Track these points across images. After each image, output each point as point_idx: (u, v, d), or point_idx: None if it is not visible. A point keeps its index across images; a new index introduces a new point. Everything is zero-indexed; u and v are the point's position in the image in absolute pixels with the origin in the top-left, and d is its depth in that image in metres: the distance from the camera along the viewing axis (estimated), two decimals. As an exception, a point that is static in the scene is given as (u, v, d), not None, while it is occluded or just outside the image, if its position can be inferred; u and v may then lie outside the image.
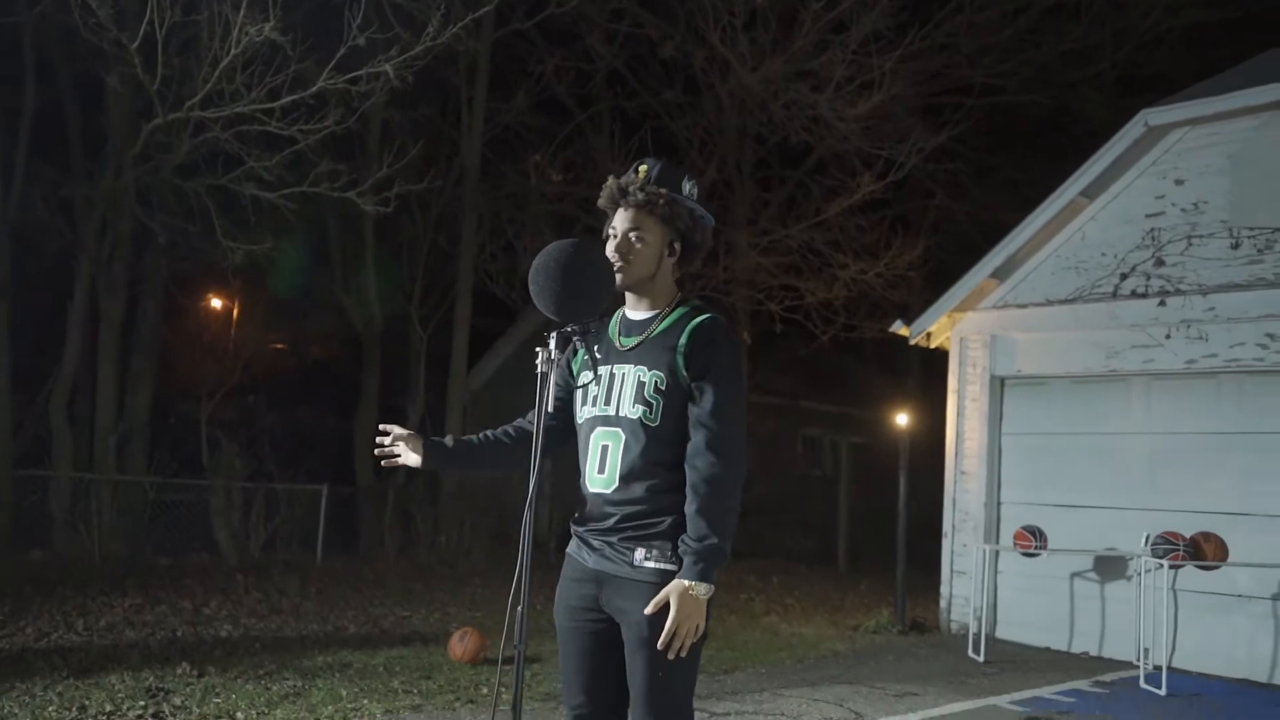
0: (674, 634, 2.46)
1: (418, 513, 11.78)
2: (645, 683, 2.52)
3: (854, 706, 5.67)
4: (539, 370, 2.54)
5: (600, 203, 2.79)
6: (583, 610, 2.68)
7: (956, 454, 8.89)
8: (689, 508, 2.51)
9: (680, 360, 2.59)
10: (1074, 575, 8.10)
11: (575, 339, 2.63)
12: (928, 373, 20.28)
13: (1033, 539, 7.88)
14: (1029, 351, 8.53)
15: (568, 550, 2.80)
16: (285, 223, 8.97)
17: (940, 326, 9.09)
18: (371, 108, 8.05)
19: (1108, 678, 7.01)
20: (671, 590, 2.46)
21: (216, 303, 13.77)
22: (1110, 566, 7.90)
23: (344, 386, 13.23)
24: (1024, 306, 8.56)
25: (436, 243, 12.51)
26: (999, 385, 8.76)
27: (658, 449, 2.58)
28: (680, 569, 2.51)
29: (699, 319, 2.65)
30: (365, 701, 5.31)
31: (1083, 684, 6.74)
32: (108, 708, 4.84)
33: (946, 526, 8.89)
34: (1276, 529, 7.04)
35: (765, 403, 15.83)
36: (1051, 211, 8.30)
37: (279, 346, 12.64)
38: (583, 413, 2.73)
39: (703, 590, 2.46)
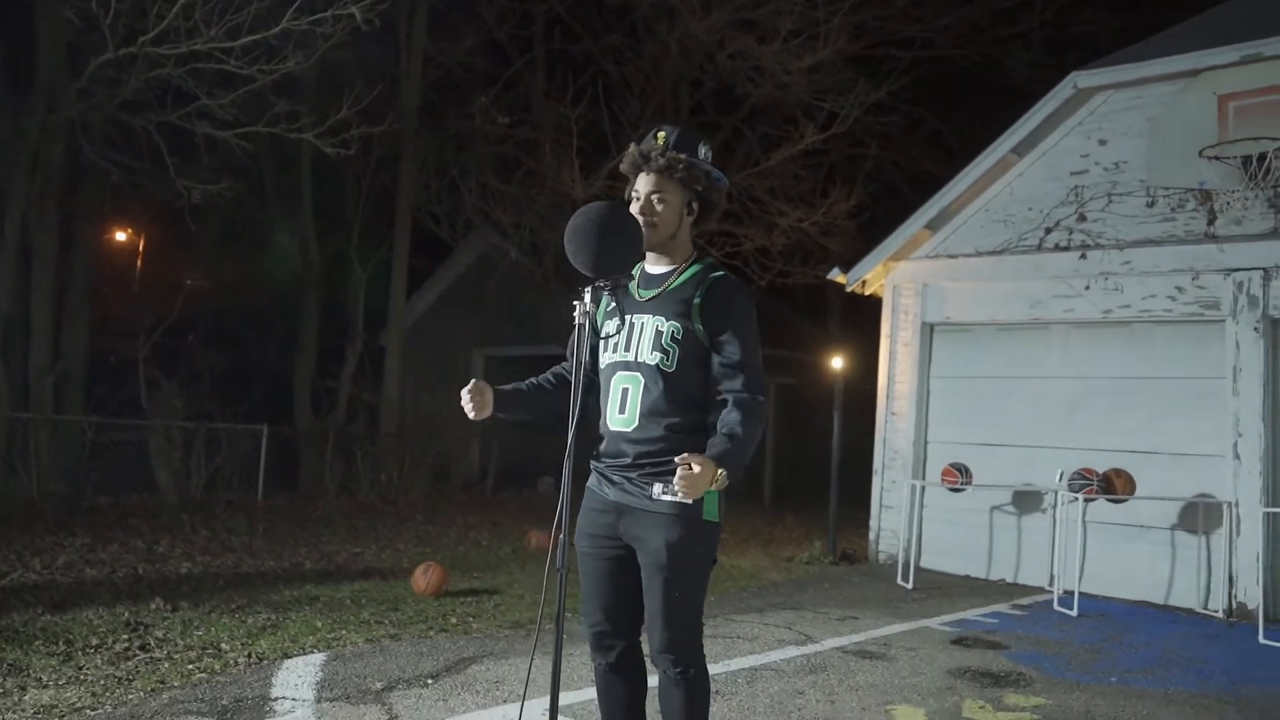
0: (684, 484, 2.59)
1: (358, 451, 11.87)
2: (662, 602, 2.82)
3: (802, 629, 6.11)
4: (576, 321, 2.77)
5: (623, 167, 3.01)
6: (603, 539, 2.94)
7: (888, 396, 9.37)
8: (731, 415, 2.74)
9: (696, 314, 2.85)
10: (994, 509, 8.70)
11: (605, 293, 2.87)
12: (847, 317, 21.00)
13: (959, 475, 8.44)
14: (958, 300, 9.01)
15: (588, 484, 3.05)
16: (230, 162, 8.83)
17: (875, 274, 9.51)
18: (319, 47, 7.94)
19: (1024, 601, 7.63)
20: (700, 460, 2.61)
21: (153, 241, 13.44)
22: (1028, 501, 8.51)
23: (283, 326, 13.12)
24: (955, 257, 9.02)
25: (377, 183, 12.41)
26: (929, 331, 9.24)
27: (673, 393, 2.85)
28: (693, 503, 2.78)
29: (713, 276, 2.91)
30: (343, 632, 5.53)
31: (1003, 607, 7.33)
32: (94, 641, 4.96)
33: (877, 464, 9.40)
34: (1178, 465, 7.70)
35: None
36: (983, 167, 8.72)
37: (217, 286, 12.44)
38: (605, 358, 2.97)
39: (719, 475, 2.64)
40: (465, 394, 2.92)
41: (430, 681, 4.52)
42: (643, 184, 2.94)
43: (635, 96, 13.02)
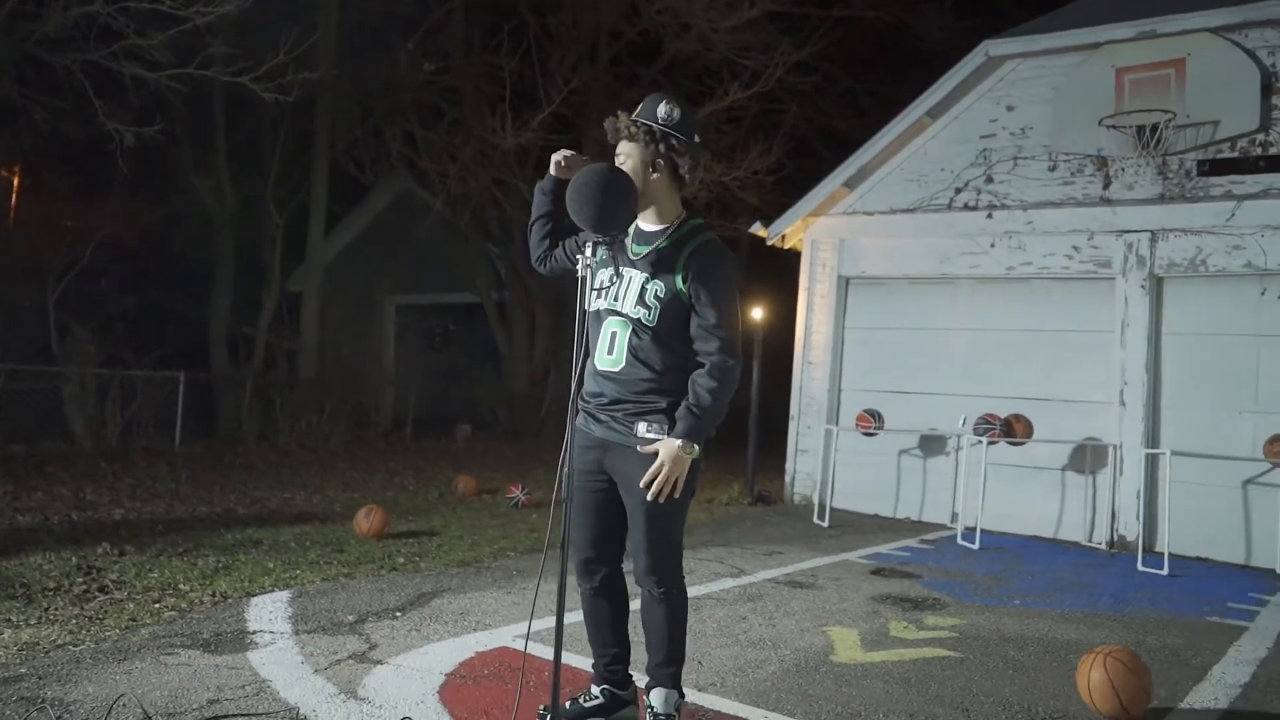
0: (660, 479, 2.98)
1: (277, 398, 11.80)
2: (647, 531, 3.11)
3: (734, 564, 6.52)
4: (579, 274, 3.01)
5: (609, 137, 3.25)
6: (589, 474, 3.21)
7: (805, 346, 9.83)
8: (700, 383, 3.04)
9: (680, 275, 3.10)
10: (901, 453, 9.28)
11: (603, 247, 3.11)
12: (754, 269, 21.46)
13: (873, 420, 8.98)
14: (872, 254, 9.48)
15: (576, 424, 3.30)
16: (145, 103, 8.59)
17: (795, 229, 9.90)
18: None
19: (930, 536, 8.23)
20: (664, 445, 3.00)
21: (62, 183, 12.86)
22: (933, 444, 9.11)
23: (198, 270, 12.81)
24: (870, 214, 9.47)
25: (296, 126, 12.16)
26: (845, 284, 9.71)
27: (656, 343, 3.11)
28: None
29: (699, 240, 3.17)
30: (297, 571, 5.68)
31: (912, 541, 7.91)
32: (50, 585, 5.01)
33: (793, 410, 9.88)
34: (1070, 411, 8.36)
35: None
36: (899, 129, 9.15)
37: (130, 230, 12.05)
38: (597, 304, 3.22)
39: (688, 449, 2.99)
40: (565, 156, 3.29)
41: (399, 614, 4.75)
42: (626, 151, 3.18)
43: (556, 46, 13.04)
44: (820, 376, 9.69)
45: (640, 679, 3.38)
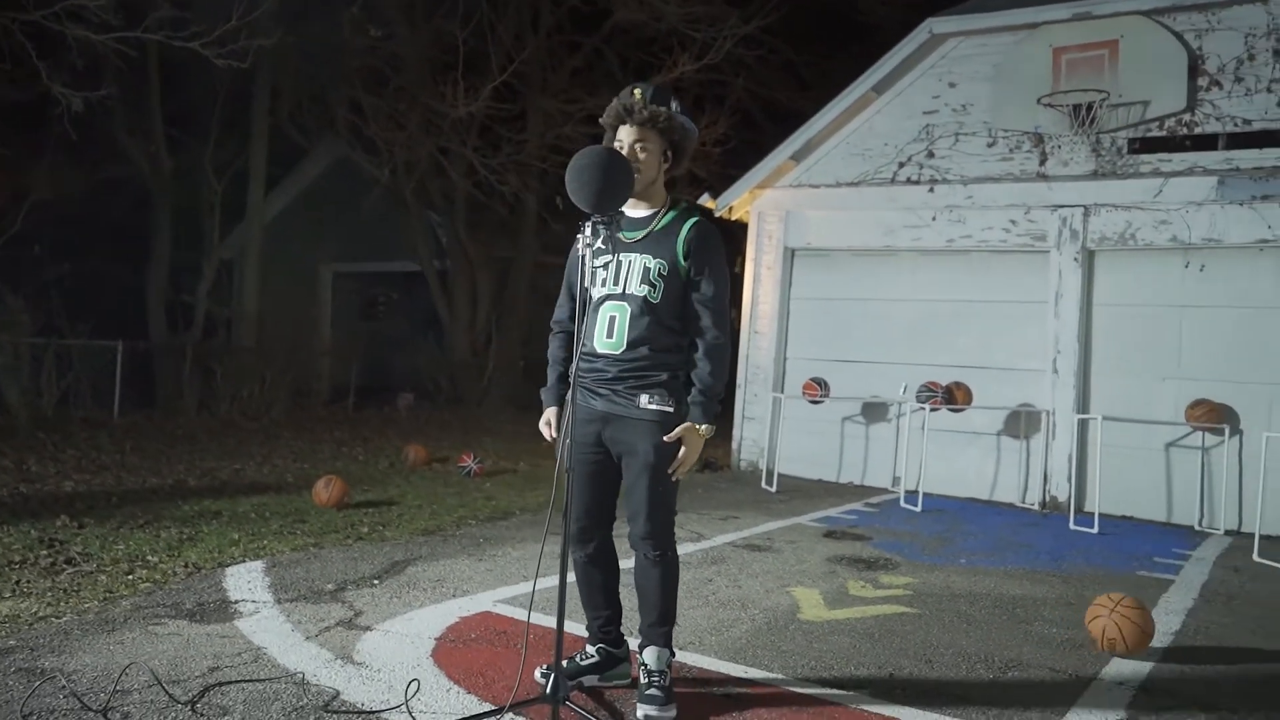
0: (683, 461, 3.21)
1: (218, 367, 11.62)
2: (647, 498, 3.26)
3: (692, 529, 6.71)
4: (580, 253, 3.12)
5: (604, 120, 3.35)
6: (588, 446, 3.34)
7: (751, 315, 10.04)
8: (700, 368, 3.22)
9: (680, 252, 3.25)
10: (845, 420, 9.58)
11: (601, 227, 3.22)
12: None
13: (819, 389, 9.24)
14: (818, 227, 9.70)
15: (575, 400, 3.43)
16: (81, 64, 8.32)
17: (742, 201, 10.07)
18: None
19: (875, 500, 8.55)
20: (686, 430, 3.19)
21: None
22: (875, 411, 9.42)
23: (135, 237, 12.46)
24: (816, 187, 9.68)
25: (235, 90, 11.87)
26: (790, 255, 9.92)
27: (657, 320, 3.25)
28: (673, 410, 3.25)
29: (693, 219, 3.31)
30: (264, 542, 5.71)
31: (858, 505, 8.21)
32: (15, 558, 4.97)
33: (740, 379, 10.09)
34: (1005, 379, 8.72)
35: (547, 262, 16.49)
36: (845, 103, 9.35)
37: (62, 194, 11.65)
38: (594, 291, 3.33)
39: (707, 430, 3.21)
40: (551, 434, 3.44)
41: (376, 582, 4.83)
42: (626, 134, 3.29)
43: (500, 14, 12.93)
44: (767, 346, 9.92)
45: (632, 640, 3.54)
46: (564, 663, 3.47)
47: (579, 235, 3.13)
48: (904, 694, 3.61)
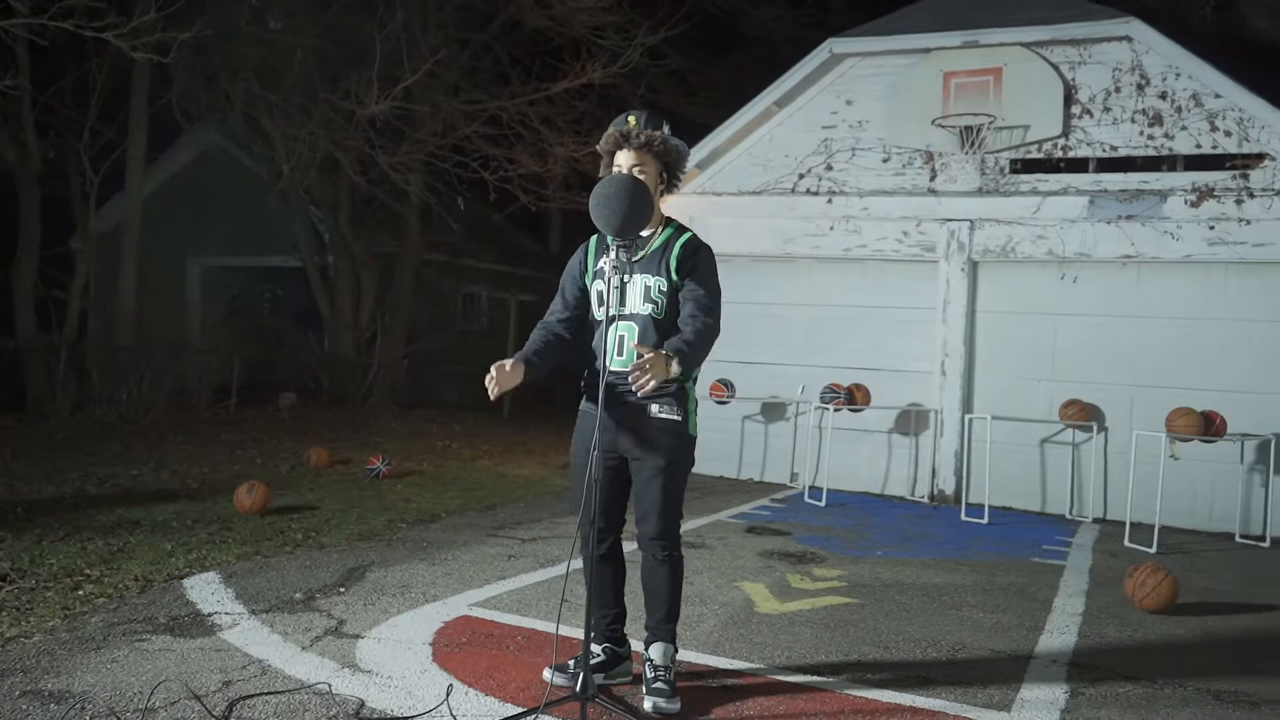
0: (645, 372, 3.10)
1: (94, 368, 11.05)
2: (660, 499, 3.49)
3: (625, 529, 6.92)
4: (608, 275, 3.31)
5: (602, 146, 3.56)
6: (603, 453, 3.52)
7: (655, 318, 10.30)
8: (689, 323, 3.38)
9: (673, 267, 3.49)
10: (745, 418, 9.98)
11: (621, 250, 3.40)
12: (565, 237, 21.98)
13: (725, 389, 9.62)
14: (721, 233, 10.00)
15: (585, 409, 3.62)
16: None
17: (646, 206, 10.31)
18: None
19: (779, 496, 8.98)
20: (657, 354, 3.16)
21: None
22: (775, 410, 9.86)
23: (1, 231, 11.61)
24: (720, 195, 10.04)
25: (111, 79, 11.24)
26: (693, 260, 10.23)
27: (663, 336, 3.47)
28: (682, 419, 3.48)
29: (684, 237, 3.57)
30: (202, 551, 5.60)
31: (766, 501, 8.62)
32: (-57, 575, 4.74)
33: (644, 379, 10.35)
34: (897, 380, 9.30)
35: (432, 260, 16.36)
36: (749, 116, 9.74)
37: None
38: (600, 312, 3.51)
39: (672, 365, 3.18)
40: (495, 379, 3.29)
41: (342, 590, 4.85)
42: (624, 159, 3.50)
43: (388, 9, 12.74)
44: (670, 347, 10.20)
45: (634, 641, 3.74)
46: (571, 662, 3.65)
47: (603, 258, 3.32)
48: (875, 678, 3.94)
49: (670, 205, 10.06)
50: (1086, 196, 8.56)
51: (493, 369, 3.32)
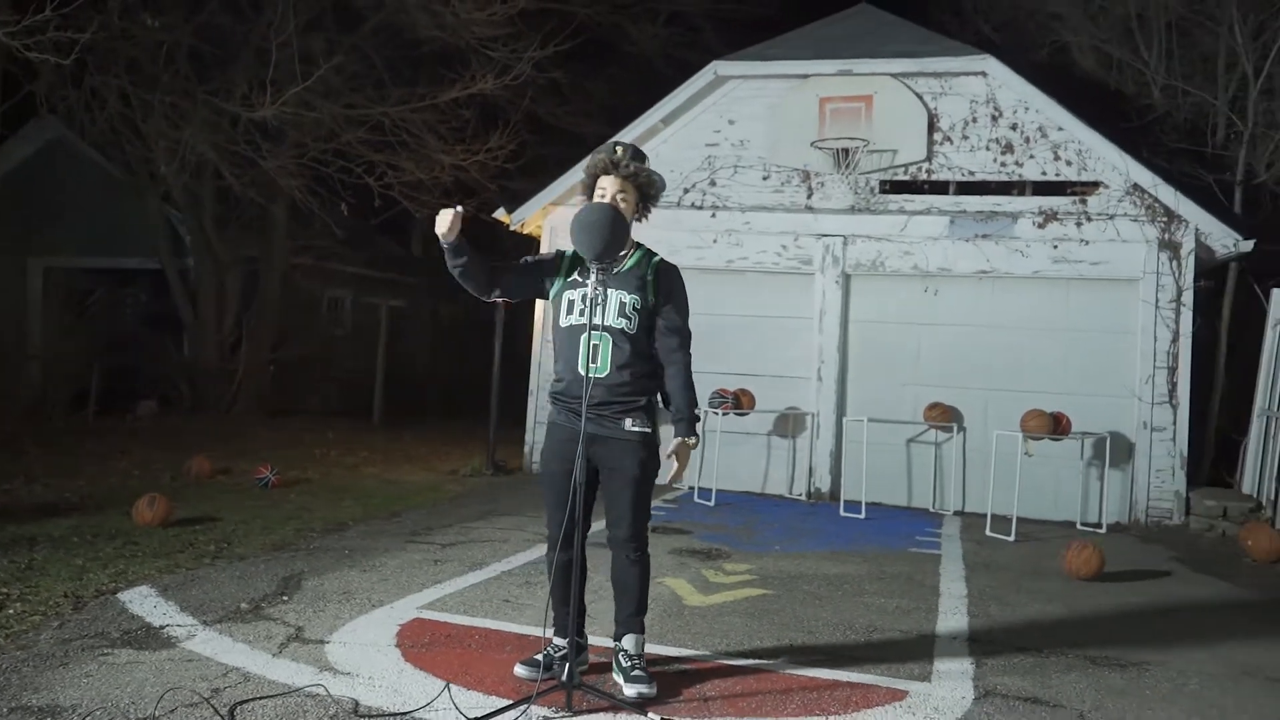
0: (678, 472, 3.81)
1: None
2: (631, 506, 3.80)
3: (535, 530, 7.16)
4: (590, 294, 3.59)
5: (587, 170, 3.85)
6: (573, 462, 3.78)
7: (543, 326, 10.55)
8: (674, 385, 3.80)
9: (650, 287, 3.81)
10: (631, 422, 10.33)
11: (598, 270, 3.67)
12: (429, 241, 21.77)
13: (616, 395, 9.94)
14: (608, 243, 10.39)
15: (554, 420, 3.88)
16: None
17: (535, 216, 10.56)
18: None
19: (670, 496, 9.37)
20: (678, 445, 3.75)
21: None
22: (662, 415, 10.24)
23: None
24: (607, 206, 10.35)
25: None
26: (581, 269, 10.54)
27: (635, 349, 3.79)
28: (651, 430, 3.80)
29: (655, 259, 3.89)
30: (121, 566, 5.52)
31: (659, 502, 8.97)
32: None
33: (532, 386, 10.59)
34: (778, 385, 9.87)
35: (300, 263, 16.00)
36: (636, 132, 10.12)
37: None
38: (568, 320, 3.80)
39: (693, 441, 3.77)
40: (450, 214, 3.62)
41: (286, 599, 4.91)
42: (609, 184, 3.81)
43: (253, 8, 12.46)
44: (559, 354, 10.46)
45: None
46: (539, 656, 3.91)
47: (589, 279, 3.61)
48: (809, 659, 4.36)
49: (556, 215, 10.38)
50: (948, 216, 9.36)
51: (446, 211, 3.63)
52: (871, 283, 9.73)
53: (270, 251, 14.99)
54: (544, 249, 10.60)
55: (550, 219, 10.55)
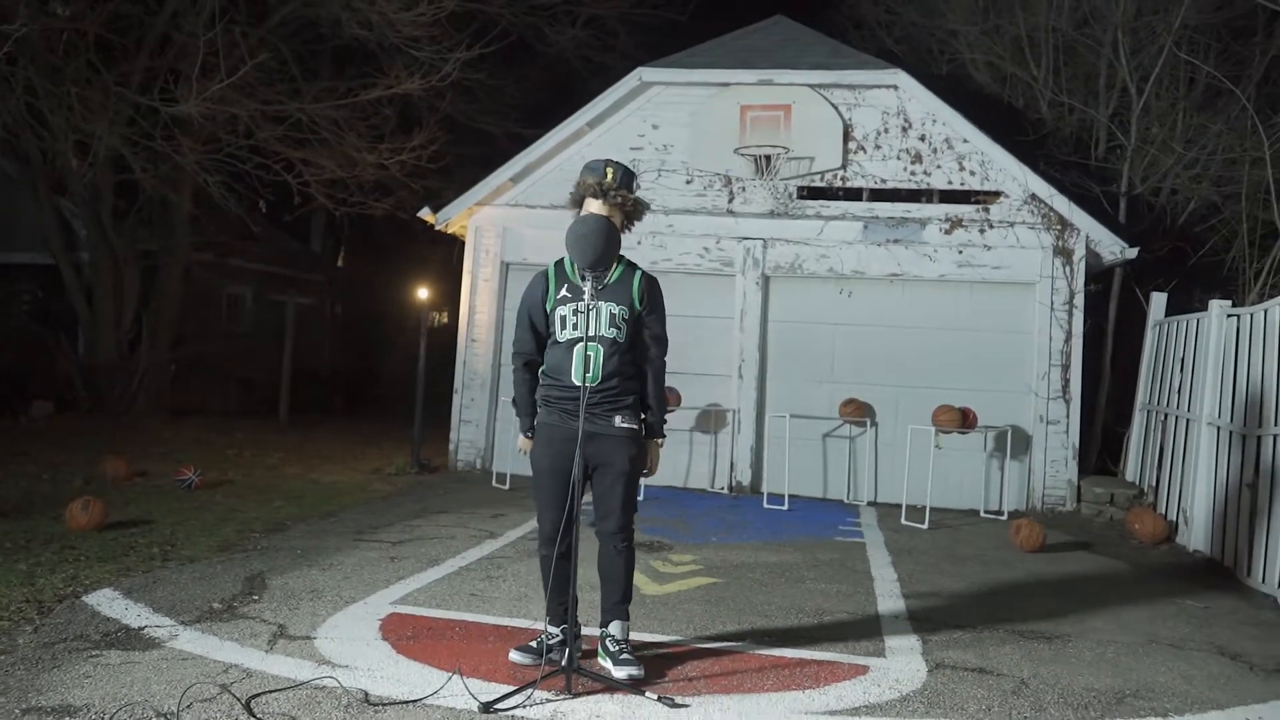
0: (651, 468, 4.11)
1: None
2: (622, 498, 4.03)
3: (477, 526, 7.30)
4: (586, 303, 3.80)
5: (575, 191, 4.10)
6: (569, 460, 3.99)
7: (469, 324, 10.64)
8: (650, 390, 4.07)
9: (636, 299, 4.06)
10: (556, 420, 10.51)
11: (591, 281, 3.89)
12: (328, 242, 21.52)
13: (544, 393, 10.11)
14: (534, 243, 10.55)
15: (547, 422, 4.08)
16: None
17: (460, 217, 10.63)
18: None
19: (598, 492, 9.60)
20: (650, 445, 4.09)
21: None
22: (586, 412, 10.46)
23: None
24: (532, 207, 10.52)
25: None
26: (506, 269, 10.67)
27: (623, 355, 4.04)
28: (638, 426, 4.05)
29: (639, 272, 4.15)
30: (72, 570, 5.45)
31: (586, 499, 9.20)
32: None
33: (458, 384, 10.66)
34: (700, 382, 10.19)
35: (202, 260, 15.57)
36: (562, 135, 10.30)
37: None
38: (564, 334, 4.02)
39: (662, 441, 4.10)
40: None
41: (256, 598, 4.95)
42: (596, 208, 4.07)
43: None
44: (484, 353, 10.58)
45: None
46: (533, 644, 4.10)
47: (585, 286, 3.82)
48: (773, 640, 4.67)
49: (482, 215, 10.48)
50: (861, 222, 9.85)
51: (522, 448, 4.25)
52: (790, 284, 10.15)
53: (171, 246, 14.56)
54: (470, 250, 10.69)
55: (475, 219, 10.64)
